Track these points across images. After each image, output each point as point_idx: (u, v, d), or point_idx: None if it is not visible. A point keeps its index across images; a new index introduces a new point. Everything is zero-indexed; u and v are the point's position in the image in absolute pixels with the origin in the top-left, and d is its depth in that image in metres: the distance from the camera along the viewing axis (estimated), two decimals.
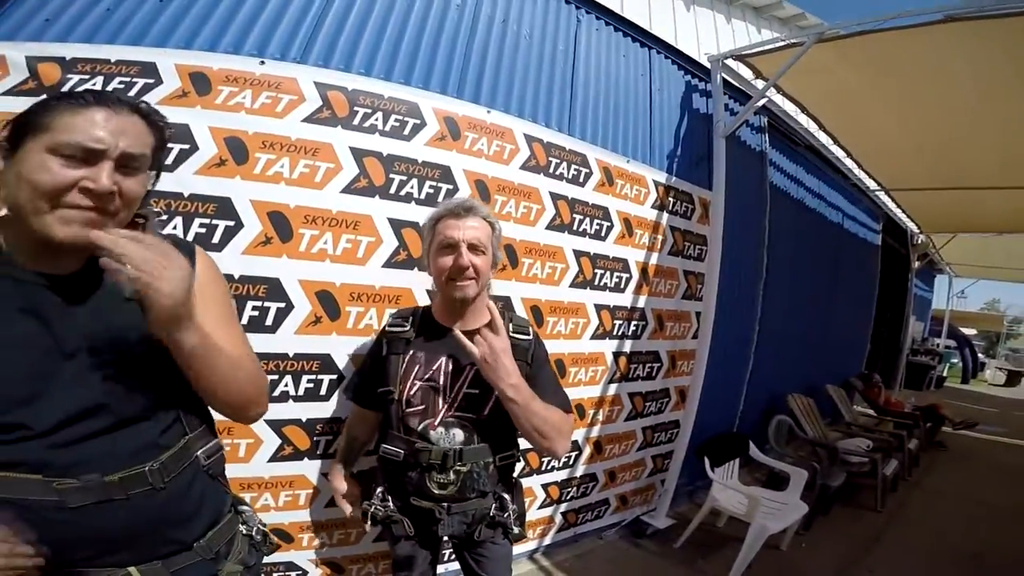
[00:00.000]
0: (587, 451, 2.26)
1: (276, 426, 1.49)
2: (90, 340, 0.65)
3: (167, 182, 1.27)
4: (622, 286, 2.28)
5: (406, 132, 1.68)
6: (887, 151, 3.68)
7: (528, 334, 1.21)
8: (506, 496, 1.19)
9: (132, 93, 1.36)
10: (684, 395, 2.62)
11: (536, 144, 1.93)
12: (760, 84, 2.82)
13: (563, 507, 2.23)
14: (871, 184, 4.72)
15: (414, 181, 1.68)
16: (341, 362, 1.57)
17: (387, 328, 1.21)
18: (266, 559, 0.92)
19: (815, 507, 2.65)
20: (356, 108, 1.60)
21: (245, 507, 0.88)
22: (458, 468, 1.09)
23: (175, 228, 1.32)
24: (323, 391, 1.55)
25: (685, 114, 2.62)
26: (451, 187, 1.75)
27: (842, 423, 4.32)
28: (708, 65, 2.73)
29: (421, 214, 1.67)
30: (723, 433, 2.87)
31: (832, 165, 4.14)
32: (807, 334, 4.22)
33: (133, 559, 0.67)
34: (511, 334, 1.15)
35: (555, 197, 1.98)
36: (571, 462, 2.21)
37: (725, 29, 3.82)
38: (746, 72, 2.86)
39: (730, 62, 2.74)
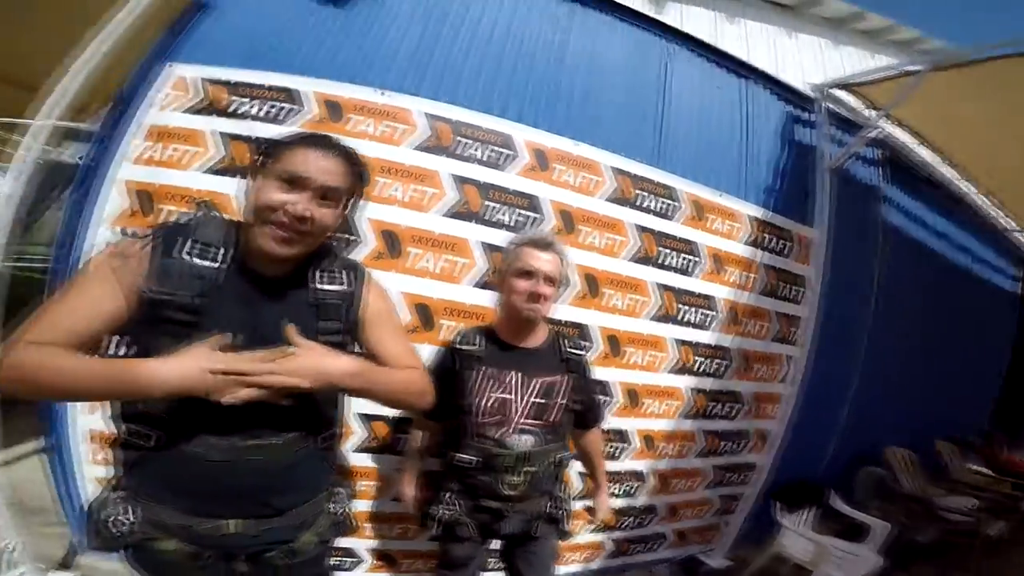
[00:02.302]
0: (651, 482, 2.24)
1: (366, 419, 1.70)
2: (272, 325, 0.80)
3: None
4: (707, 324, 2.24)
5: (501, 162, 1.85)
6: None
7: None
8: (560, 495, 1.37)
9: (280, 118, 1.68)
10: (765, 438, 2.51)
11: (623, 177, 2.01)
12: (873, 114, 2.69)
13: (616, 535, 2.20)
14: (1009, 223, 4.17)
15: (506, 209, 1.83)
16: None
17: (458, 346, 1.32)
18: None
19: (894, 561, 2.36)
20: (459, 138, 1.81)
21: (341, 489, 1.01)
22: (527, 469, 1.26)
23: None
24: None
25: (785, 146, 2.56)
26: (538, 216, 1.88)
27: (948, 480, 3.76)
28: (812, 95, 2.66)
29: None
30: (802, 479, 2.69)
31: (960, 202, 3.74)
32: (918, 385, 3.75)
33: (234, 513, 0.82)
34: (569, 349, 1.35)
35: (640, 230, 2.03)
36: (632, 491, 2.19)
37: (833, 56, 3.68)
38: (857, 100, 2.74)
39: (840, 92, 2.65)
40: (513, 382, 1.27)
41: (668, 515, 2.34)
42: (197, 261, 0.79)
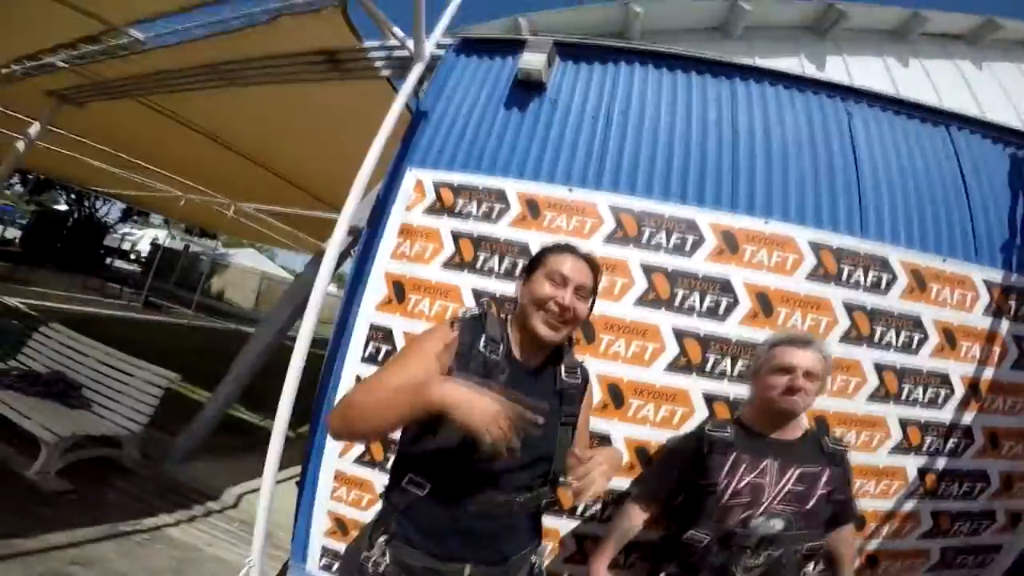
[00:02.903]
0: (856, 563, 1.87)
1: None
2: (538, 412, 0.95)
3: None
4: (939, 402, 1.91)
5: (687, 248, 1.88)
6: None
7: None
8: None
9: (492, 217, 1.96)
10: (1018, 518, 2.04)
11: (824, 251, 1.89)
12: None
13: None
14: None
15: (696, 294, 1.83)
16: (618, 444, 1.79)
17: (709, 431, 1.36)
18: None
19: None
20: (643, 227, 1.90)
21: (543, 546, 1.15)
22: (771, 552, 1.23)
23: None
24: None
25: (1019, 194, 2.19)
26: (731, 299, 1.84)
27: None
28: None
29: (702, 325, 1.82)
30: None
31: None
32: None
33: (474, 559, 0.95)
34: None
35: (850, 308, 1.85)
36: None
37: None
38: None
39: None
40: (769, 468, 1.27)
41: None
42: (489, 355, 0.99)
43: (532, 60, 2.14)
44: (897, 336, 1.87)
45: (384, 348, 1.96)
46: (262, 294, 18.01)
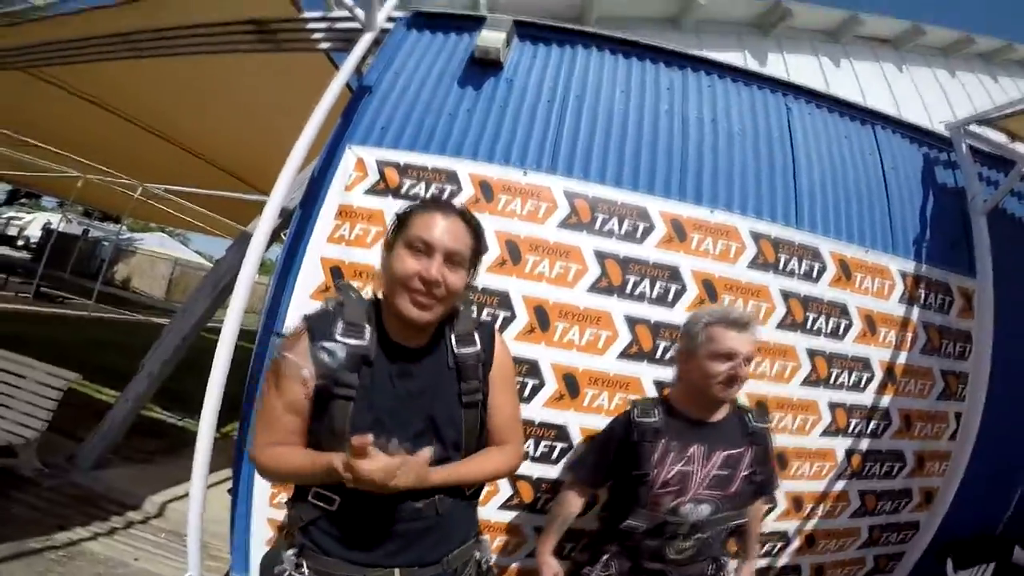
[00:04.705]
0: (796, 543, 2.15)
1: (512, 479, 1.80)
2: (419, 394, 0.93)
3: None
4: (862, 385, 2.15)
5: (638, 235, 1.96)
6: None
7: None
8: (724, 558, 1.39)
9: (444, 198, 1.91)
10: (931, 496, 2.34)
11: (763, 241, 2.04)
12: (1021, 147, 2.54)
13: None
14: None
15: (646, 281, 1.92)
16: (573, 433, 1.86)
17: (637, 419, 1.36)
18: None
19: None
20: (596, 214, 1.95)
21: (484, 537, 1.08)
22: (699, 536, 1.30)
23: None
24: (554, 456, 1.86)
25: (930, 192, 2.47)
26: (679, 287, 1.94)
27: None
28: (947, 134, 2.58)
29: (653, 312, 1.91)
30: (978, 535, 2.47)
31: None
32: None
33: (400, 563, 0.90)
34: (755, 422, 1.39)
35: (786, 295, 2.02)
36: (774, 551, 2.10)
37: (952, 85, 3.56)
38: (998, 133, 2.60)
39: (976, 127, 2.54)
40: (695, 455, 1.30)
41: (813, 574, 2.21)
42: (350, 341, 0.90)
43: (491, 38, 2.11)
44: (827, 322, 2.07)
45: None
46: (175, 282, 16.72)
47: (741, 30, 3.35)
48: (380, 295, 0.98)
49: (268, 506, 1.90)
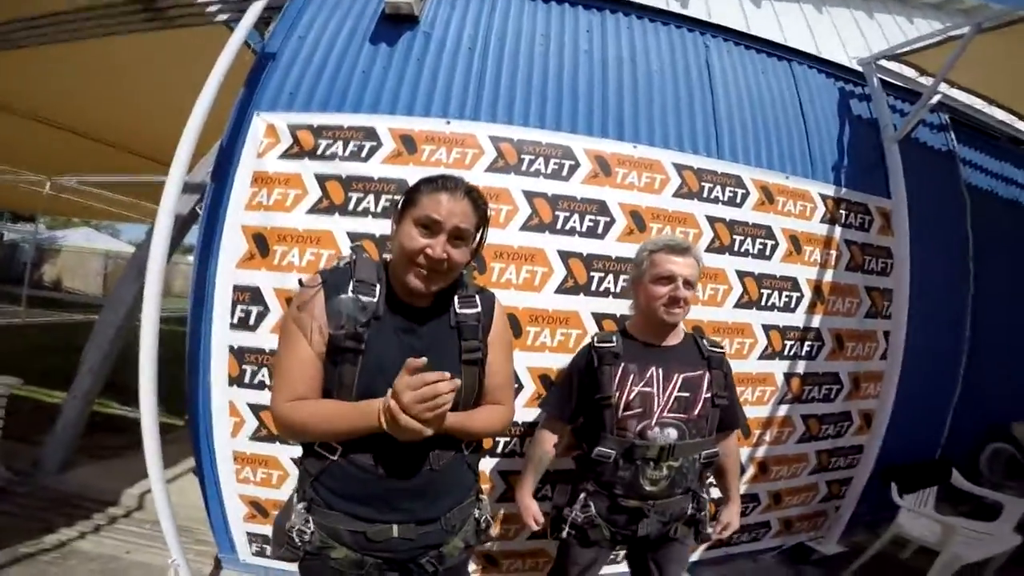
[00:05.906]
0: (751, 471, 2.27)
1: None
2: (423, 351, 0.94)
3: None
4: (792, 305, 2.28)
5: (564, 173, 2.01)
6: None
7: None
8: (704, 495, 1.41)
9: (362, 155, 1.91)
10: (870, 419, 2.52)
11: (687, 172, 2.13)
12: (928, 81, 2.73)
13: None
14: None
15: (576, 216, 1.98)
16: (521, 373, 1.91)
17: (596, 344, 1.42)
18: None
19: None
20: (522, 155, 1.99)
21: (484, 496, 1.13)
22: (671, 463, 1.33)
23: None
24: None
25: (846, 122, 2.63)
26: (608, 219, 2.01)
27: None
28: (861, 70, 2.75)
29: (586, 246, 1.98)
30: (922, 459, 2.71)
31: None
32: None
33: (398, 519, 0.94)
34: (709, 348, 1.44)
35: (712, 220, 2.12)
36: None
37: (870, 25, 3.76)
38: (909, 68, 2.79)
39: (887, 62, 2.72)
40: (655, 376, 1.35)
41: (772, 503, 2.37)
42: (362, 297, 0.95)
43: None
44: (753, 244, 2.19)
45: (255, 309, 1.86)
46: (110, 276, 15.63)
47: None
48: (389, 258, 1.04)
49: (235, 482, 1.90)
